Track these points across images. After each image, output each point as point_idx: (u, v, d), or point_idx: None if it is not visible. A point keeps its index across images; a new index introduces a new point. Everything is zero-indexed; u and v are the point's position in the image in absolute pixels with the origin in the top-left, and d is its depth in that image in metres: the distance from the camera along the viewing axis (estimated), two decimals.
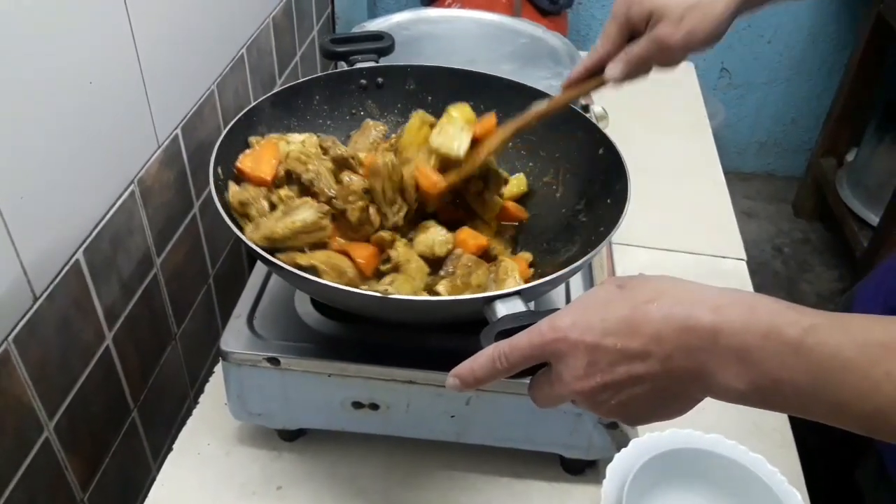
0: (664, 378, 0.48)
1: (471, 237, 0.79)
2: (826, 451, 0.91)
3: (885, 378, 0.43)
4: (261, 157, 0.77)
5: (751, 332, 0.46)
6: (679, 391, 0.49)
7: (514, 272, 0.73)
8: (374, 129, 0.88)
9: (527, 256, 0.81)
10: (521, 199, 0.88)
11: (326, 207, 0.73)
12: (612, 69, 0.75)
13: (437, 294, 0.71)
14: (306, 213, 0.71)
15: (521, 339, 0.52)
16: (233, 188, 0.75)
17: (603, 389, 0.49)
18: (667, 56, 0.74)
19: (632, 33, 0.75)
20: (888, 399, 0.43)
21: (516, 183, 0.88)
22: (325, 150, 0.81)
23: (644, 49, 0.73)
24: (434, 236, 0.77)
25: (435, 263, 0.77)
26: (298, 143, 0.82)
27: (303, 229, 0.71)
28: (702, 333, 0.46)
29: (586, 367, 0.49)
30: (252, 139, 0.82)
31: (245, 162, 0.77)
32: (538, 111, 0.79)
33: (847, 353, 0.44)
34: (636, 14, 0.73)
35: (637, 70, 0.75)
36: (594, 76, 0.77)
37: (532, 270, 0.79)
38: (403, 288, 0.70)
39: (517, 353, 0.51)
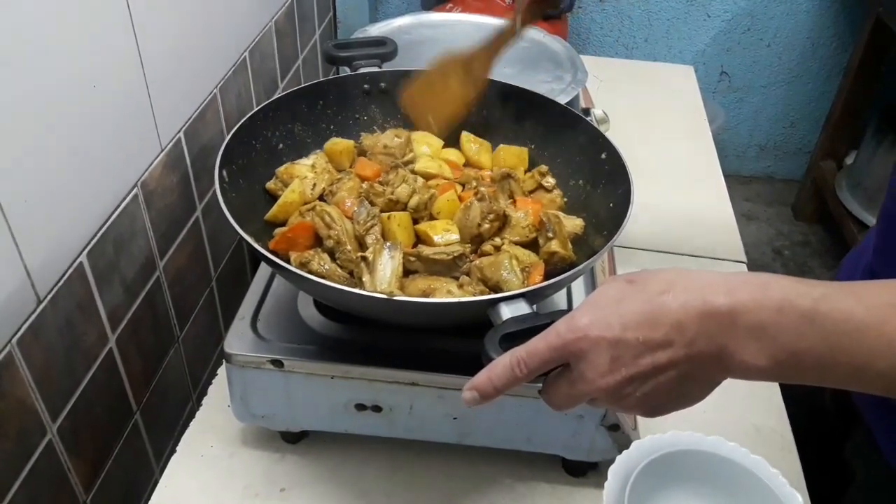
0: (687, 363, 0.49)
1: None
2: (815, 426, 0.91)
3: None
4: (294, 241, 0.76)
5: (765, 309, 0.47)
6: (700, 376, 0.50)
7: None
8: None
9: None
10: None
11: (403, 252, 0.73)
12: None
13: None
14: (390, 261, 0.72)
15: (539, 344, 0.51)
16: (292, 254, 0.74)
17: (628, 383, 0.50)
18: None
19: None
20: None
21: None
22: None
23: None
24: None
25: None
26: (309, 167, 0.84)
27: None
28: (720, 317, 0.47)
29: (610, 363, 0.49)
30: (270, 185, 0.83)
31: (280, 244, 0.75)
32: (507, 29, 0.84)
33: (858, 315, 0.46)
34: None
35: None
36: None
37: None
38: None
39: (536, 359, 0.51)
